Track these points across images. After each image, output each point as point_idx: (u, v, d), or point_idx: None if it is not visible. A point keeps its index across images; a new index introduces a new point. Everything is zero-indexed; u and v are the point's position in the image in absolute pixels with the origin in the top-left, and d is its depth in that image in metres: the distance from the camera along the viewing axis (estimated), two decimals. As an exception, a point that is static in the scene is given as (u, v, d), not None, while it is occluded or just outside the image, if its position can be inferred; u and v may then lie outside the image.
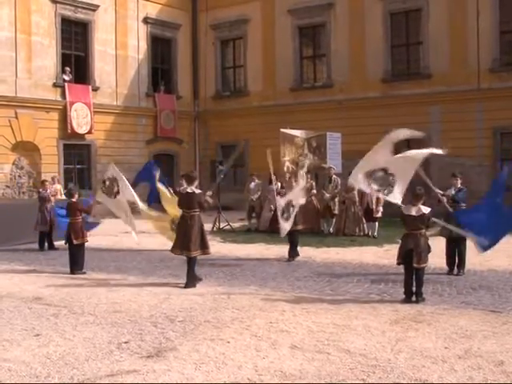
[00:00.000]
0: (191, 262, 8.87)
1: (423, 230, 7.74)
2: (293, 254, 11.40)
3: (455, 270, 9.61)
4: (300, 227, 11.53)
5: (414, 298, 7.62)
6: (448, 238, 9.59)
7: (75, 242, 10.32)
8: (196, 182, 9.02)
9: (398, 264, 7.98)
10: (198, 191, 8.93)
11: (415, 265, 7.63)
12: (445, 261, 9.72)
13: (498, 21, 19.71)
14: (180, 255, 9.12)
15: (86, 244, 10.70)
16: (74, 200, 10.66)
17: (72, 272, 10.15)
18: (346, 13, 22.24)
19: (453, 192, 9.55)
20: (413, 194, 7.85)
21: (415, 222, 7.69)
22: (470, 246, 9.99)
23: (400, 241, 8.09)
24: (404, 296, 7.70)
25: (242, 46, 24.92)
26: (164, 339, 6.08)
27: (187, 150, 25.44)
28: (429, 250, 7.83)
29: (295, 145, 16.95)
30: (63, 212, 11.65)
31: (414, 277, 7.68)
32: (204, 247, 8.94)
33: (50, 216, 13.32)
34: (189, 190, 8.89)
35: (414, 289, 7.68)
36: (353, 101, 21.81)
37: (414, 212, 7.71)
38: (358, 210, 14.81)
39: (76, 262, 10.30)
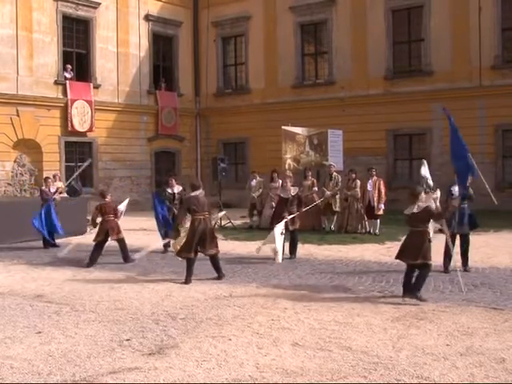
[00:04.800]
0: (217, 258, 9.31)
1: (422, 228, 7.66)
2: (294, 251, 11.37)
3: (461, 268, 9.56)
4: (298, 225, 11.44)
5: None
6: (451, 234, 9.54)
7: (113, 238, 10.90)
8: (201, 190, 9.37)
9: (396, 258, 7.98)
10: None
11: (410, 261, 7.59)
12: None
13: (500, 18, 19.71)
14: (189, 257, 9.10)
15: (87, 242, 10.92)
16: (107, 200, 11.09)
17: (126, 262, 10.95)
18: (348, 10, 22.21)
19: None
20: (410, 195, 7.81)
21: (417, 218, 7.65)
22: (472, 243, 10.03)
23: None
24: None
25: (244, 43, 24.89)
26: (166, 336, 6.09)
27: (189, 148, 25.44)
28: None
29: (297, 142, 16.95)
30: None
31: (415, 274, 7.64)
32: (217, 246, 9.38)
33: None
34: (199, 194, 9.24)
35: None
36: (354, 98, 21.81)
37: (415, 209, 7.69)
38: (360, 208, 14.79)
39: (125, 255, 10.98)
